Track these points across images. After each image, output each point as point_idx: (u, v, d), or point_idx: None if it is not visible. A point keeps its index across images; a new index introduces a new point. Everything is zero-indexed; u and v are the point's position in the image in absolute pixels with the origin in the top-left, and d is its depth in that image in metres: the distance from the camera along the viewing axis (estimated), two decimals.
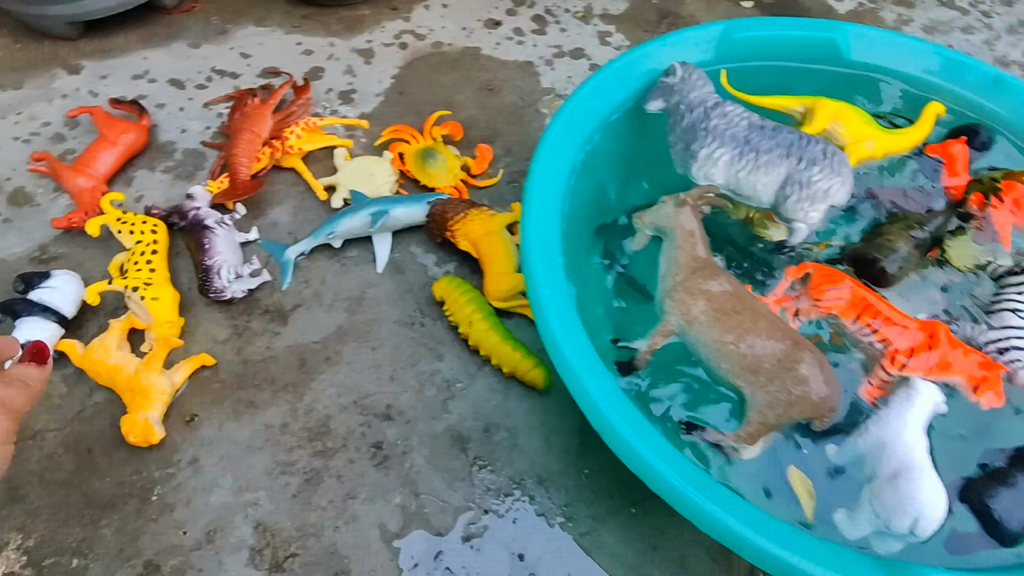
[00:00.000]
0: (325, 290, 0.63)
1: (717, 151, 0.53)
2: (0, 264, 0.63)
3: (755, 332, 0.46)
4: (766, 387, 0.45)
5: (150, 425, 0.52)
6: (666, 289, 0.49)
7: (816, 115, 0.58)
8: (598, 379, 0.39)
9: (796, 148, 0.53)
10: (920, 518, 0.42)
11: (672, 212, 0.51)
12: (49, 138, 0.74)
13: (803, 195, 0.52)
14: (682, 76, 0.55)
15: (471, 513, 0.51)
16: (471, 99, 0.79)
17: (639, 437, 0.37)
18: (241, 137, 0.67)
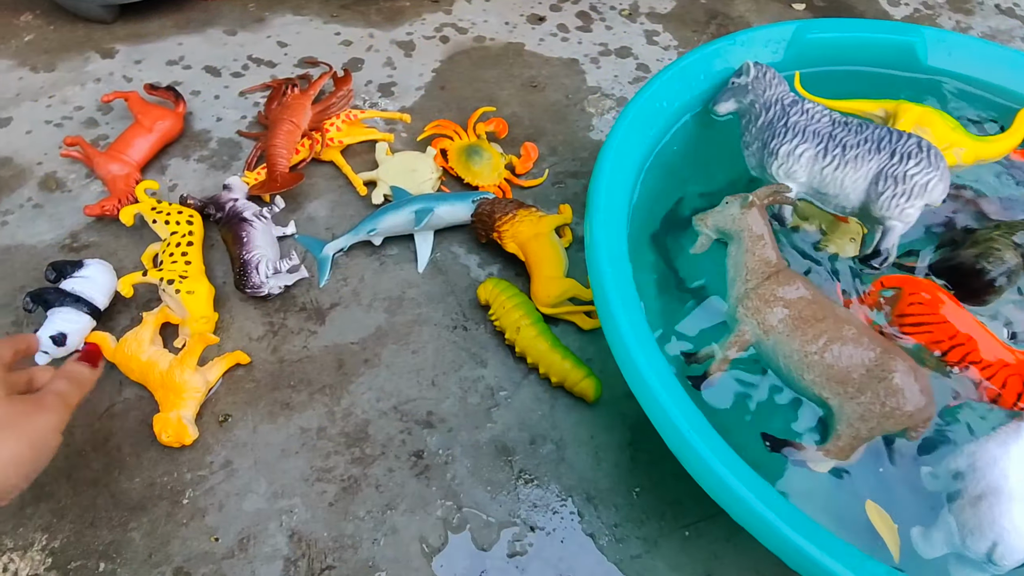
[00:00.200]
0: (364, 289, 0.60)
1: (800, 147, 0.51)
2: (30, 251, 0.62)
3: (841, 340, 0.43)
4: (857, 399, 0.42)
5: (183, 425, 0.49)
6: (737, 296, 0.47)
7: (899, 119, 0.55)
8: (677, 399, 0.36)
9: (887, 142, 0.50)
10: (999, 544, 0.39)
11: (738, 214, 0.48)
12: (82, 122, 0.72)
13: (899, 190, 0.49)
14: (756, 75, 0.52)
15: (516, 529, 0.49)
16: (514, 96, 0.76)
17: (726, 466, 0.34)
18: (280, 128, 0.65)
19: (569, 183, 0.68)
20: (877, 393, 0.42)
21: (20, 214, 0.64)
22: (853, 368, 0.43)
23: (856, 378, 0.42)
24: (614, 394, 0.55)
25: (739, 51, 0.55)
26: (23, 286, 0.59)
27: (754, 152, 0.54)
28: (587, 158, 0.71)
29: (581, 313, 0.57)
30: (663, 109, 0.53)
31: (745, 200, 0.49)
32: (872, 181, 0.51)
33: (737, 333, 0.46)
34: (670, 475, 0.51)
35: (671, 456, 0.51)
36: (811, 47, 0.56)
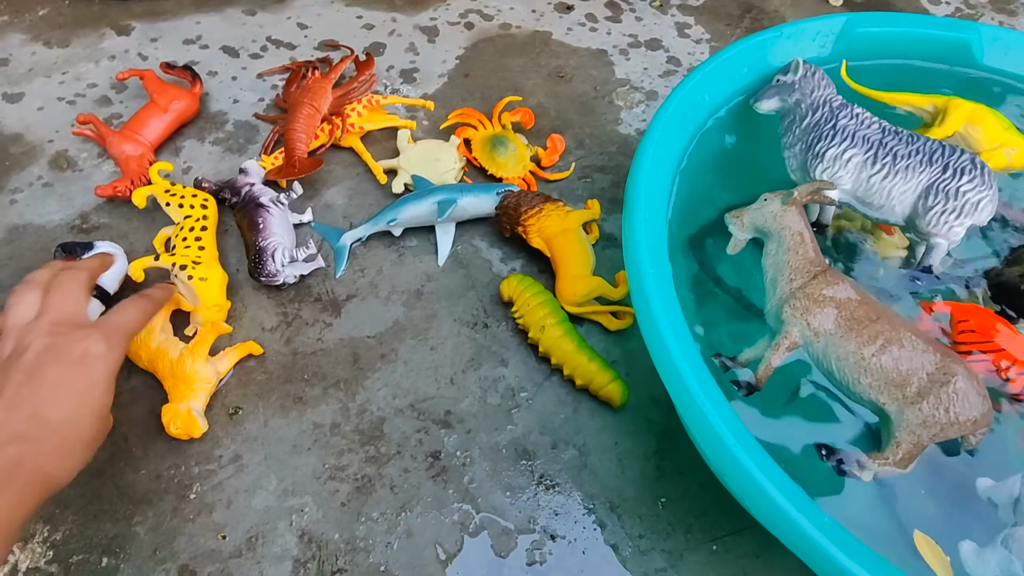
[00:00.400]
0: (381, 281, 0.58)
1: (848, 152, 0.48)
2: (38, 231, 0.60)
3: (898, 342, 0.41)
4: (918, 404, 0.40)
5: (193, 417, 0.48)
6: (782, 297, 0.44)
7: (949, 116, 0.52)
8: (721, 410, 0.34)
9: (940, 156, 0.47)
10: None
11: (779, 211, 0.46)
12: (95, 100, 0.70)
13: (949, 206, 0.47)
14: (804, 73, 0.49)
15: (535, 537, 0.46)
16: (540, 86, 0.74)
17: (778, 488, 0.32)
18: (300, 111, 0.63)
19: (596, 177, 0.66)
20: (940, 398, 0.40)
21: (29, 193, 0.62)
22: (913, 372, 0.40)
23: (917, 382, 0.40)
24: (640, 399, 0.52)
25: (786, 44, 0.52)
26: (30, 267, 0.57)
27: (796, 154, 0.52)
28: (615, 152, 0.68)
29: (607, 313, 0.55)
30: (704, 103, 0.50)
31: (787, 197, 0.46)
32: (921, 194, 0.48)
33: (784, 335, 0.43)
34: (697, 485, 0.49)
35: (699, 465, 0.49)
36: (861, 41, 0.54)
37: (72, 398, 0.38)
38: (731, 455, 0.32)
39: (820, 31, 0.53)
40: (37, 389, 0.37)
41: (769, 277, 0.45)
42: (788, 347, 0.43)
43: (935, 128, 0.55)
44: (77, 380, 0.38)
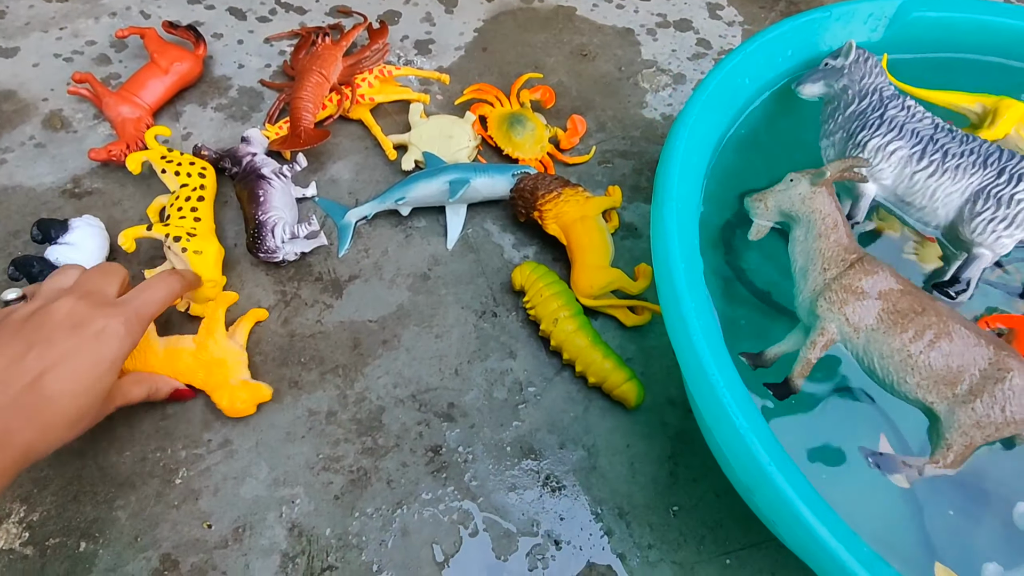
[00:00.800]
0: (386, 262, 0.55)
1: (893, 143, 0.44)
2: (28, 194, 0.57)
3: (947, 336, 0.37)
4: (971, 403, 0.37)
5: (251, 383, 0.46)
6: (815, 289, 0.40)
7: (1000, 117, 0.48)
8: (755, 425, 0.31)
9: (996, 159, 0.43)
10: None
11: (808, 193, 0.42)
12: (93, 59, 0.67)
13: (1000, 214, 0.42)
14: (856, 58, 0.45)
15: (539, 541, 0.44)
16: (562, 64, 0.70)
17: (813, 510, 0.29)
18: (308, 79, 0.59)
19: (617, 163, 0.62)
20: (994, 396, 0.36)
21: (20, 152, 0.59)
22: (964, 368, 0.37)
23: (968, 379, 0.37)
24: (656, 400, 0.49)
25: (834, 26, 0.48)
26: (18, 231, 0.54)
27: (835, 143, 0.48)
28: (638, 137, 0.65)
29: (625, 308, 0.52)
30: (744, 86, 0.46)
31: (817, 177, 0.42)
32: (970, 199, 0.44)
33: (819, 331, 0.40)
34: (713, 494, 0.46)
35: (715, 473, 0.47)
36: (916, 26, 0.49)
37: (77, 372, 0.37)
38: (767, 478, 0.29)
39: (872, 13, 0.49)
40: (45, 354, 0.36)
41: (799, 266, 0.42)
42: (825, 344, 0.39)
43: (984, 130, 0.51)
44: (87, 355, 0.37)
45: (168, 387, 0.45)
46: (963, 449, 0.37)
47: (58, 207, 0.56)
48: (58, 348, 0.37)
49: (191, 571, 0.41)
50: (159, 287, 0.43)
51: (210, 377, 0.46)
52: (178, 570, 0.41)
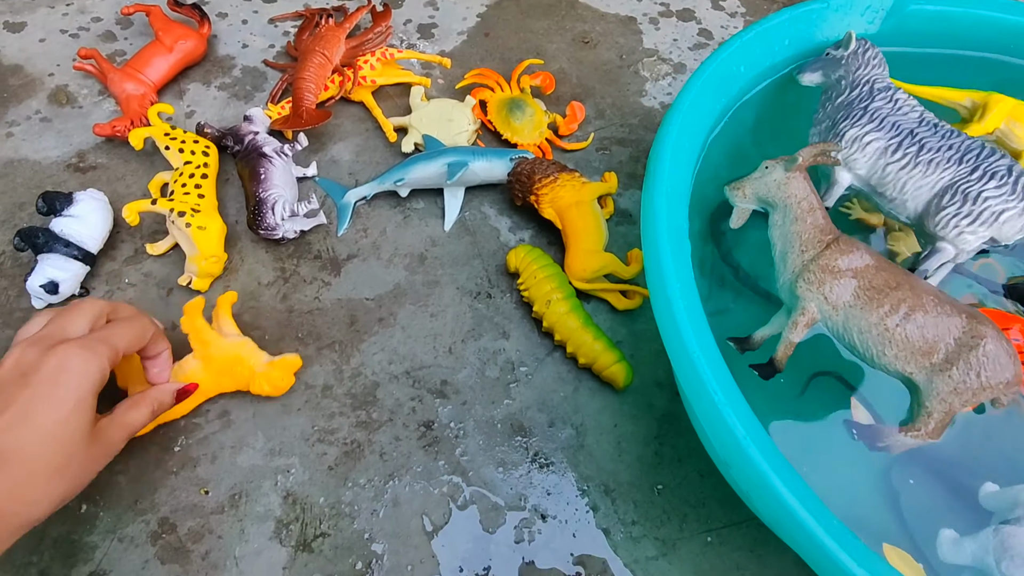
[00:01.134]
0: (384, 242, 0.56)
1: (870, 135, 0.45)
2: (34, 167, 0.58)
3: (922, 308, 0.39)
4: (948, 371, 0.38)
5: (278, 361, 0.47)
6: (794, 271, 0.42)
7: (989, 112, 0.49)
8: (733, 399, 0.32)
9: (974, 156, 0.44)
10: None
11: (783, 179, 0.43)
12: (99, 35, 0.67)
13: (965, 210, 0.43)
14: (855, 49, 0.46)
15: (526, 515, 0.45)
16: (563, 51, 0.70)
17: (788, 485, 0.30)
18: (311, 60, 0.60)
19: (615, 150, 0.63)
20: (969, 363, 0.38)
21: (27, 126, 0.60)
22: (940, 338, 0.38)
23: (943, 348, 0.38)
24: (644, 382, 0.50)
25: (832, 17, 0.49)
26: (23, 203, 0.55)
27: (821, 131, 0.49)
28: (636, 125, 0.65)
29: (616, 292, 0.53)
30: (740, 74, 0.47)
31: (790, 163, 0.43)
32: (939, 194, 0.44)
33: (800, 311, 0.41)
34: (697, 474, 0.47)
35: (700, 454, 0.48)
36: (914, 20, 0.50)
37: (36, 424, 0.34)
38: (741, 449, 0.30)
39: (870, 5, 0.50)
40: (1, 415, 0.33)
41: (778, 250, 0.43)
42: (806, 323, 0.41)
43: (974, 124, 0.51)
44: (44, 402, 0.34)
45: (170, 393, 0.43)
46: (943, 416, 0.38)
47: (63, 181, 0.57)
48: (14, 405, 0.34)
49: (188, 534, 0.43)
50: (132, 324, 0.40)
51: (237, 377, 0.46)
52: (176, 533, 0.43)
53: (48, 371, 0.35)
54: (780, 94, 0.51)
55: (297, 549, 0.43)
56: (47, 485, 0.34)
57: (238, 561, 0.42)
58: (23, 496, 0.33)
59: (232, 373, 0.46)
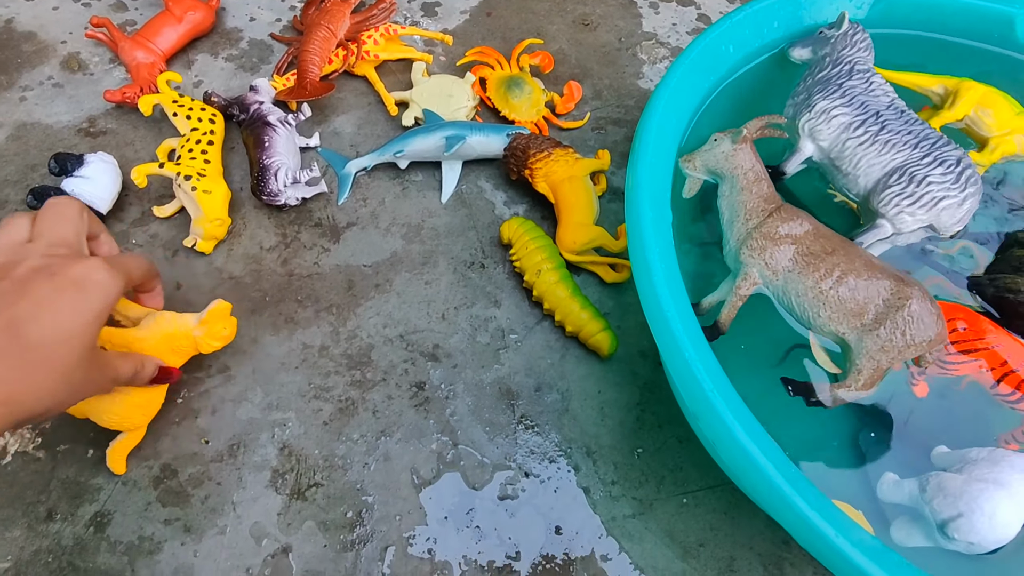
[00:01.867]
0: (383, 212, 0.58)
1: (837, 109, 0.47)
2: (45, 130, 0.60)
3: (854, 272, 0.41)
4: (876, 330, 0.41)
5: (206, 316, 0.45)
6: (739, 238, 0.45)
7: (960, 98, 0.51)
8: (702, 353, 0.34)
9: (929, 144, 0.45)
10: (964, 517, 0.37)
11: (730, 151, 0.46)
12: (110, 5, 0.69)
13: (908, 191, 0.45)
14: (845, 31, 0.47)
15: (510, 473, 0.47)
16: (563, 32, 0.72)
17: (745, 429, 0.32)
18: (316, 33, 0.62)
19: (610, 130, 0.65)
20: (896, 322, 0.40)
21: (39, 91, 0.62)
22: (869, 299, 0.41)
23: (873, 309, 0.41)
24: (629, 352, 0.52)
25: (821, 1, 0.50)
26: (35, 164, 0.57)
27: (797, 103, 0.50)
28: (632, 106, 0.67)
29: (606, 265, 0.54)
30: (728, 54, 0.49)
31: (736, 136, 0.45)
32: (889, 172, 0.46)
33: (743, 276, 0.44)
34: (675, 440, 0.49)
35: (679, 421, 0.50)
36: (898, 5, 0.51)
37: (58, 319, 0.33)
38: (704, 395, 0.32)
39: None
40: (19, 300, 0.32)
41: (725, 219, 0.46)
42: (749, 287, 0.44)
43: (945, 110, 0.53)
44: (67, 302, 0.33)
45: (152, 366, 0.42)
46: (872, 372, 0.41)
47: (73, 144, 0.59)
48: (34, 295, 0.33)
49: (189, 480, 0.45)
50: (141, 258, 0.42)
51: (182, 351, 0.45)
52: (177, 479, 0.45)
53: (76, 276, 0.34)
54: (771, 73, 0.53)
55: (292, 497, 0.45)
56: (54, 383, 0.33)
57: (235, 506, 0.45)
58: (32, 386, 0.32)
59: (176, 350, 0.45)
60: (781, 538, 0.46)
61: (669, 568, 0.45)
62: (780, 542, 0.46)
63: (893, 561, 0.29)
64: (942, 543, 0.37)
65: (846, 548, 0.29)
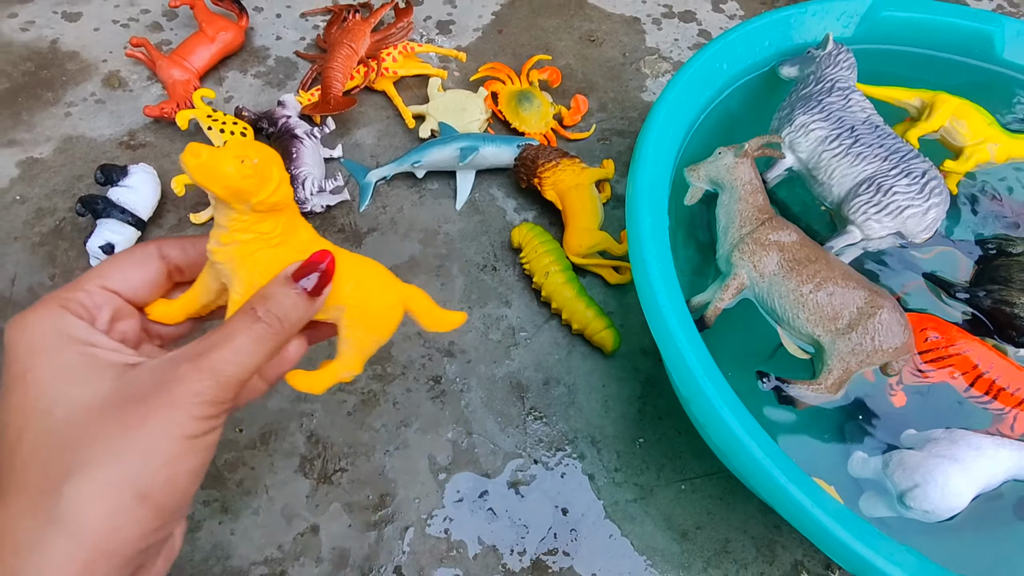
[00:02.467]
0: (401, 218, 0.62)
1: (815, 123, 0.51)
2: (90, 144, 0.64)
3: (833, 280, 0.45)
4: (848, 335, 0.45)
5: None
6: (732, 243, 0.49)
7: (935, 110, 0.54)
8: (703, 361, 0.38)
9: (898, 157, 0.49)
10: (920, 487, 0.40)
11: (732, 164, 0.50)
12: (147, 26, 0.74)
13: (875, 200, 0.49)
14: (830, 51, 0.51)
15: (520, 461, 0.51)
16: (571, 48, 0.76)
17: (750, 434, 0.35)
18: (339, 51, 0.66)
19: (615, 140, 0.69)
20: (867, 328, 0.44)
21: (83, 107, 0.67)
22: (844, 306, 0.45)
23: (847, 315, 0.45)
24: (631, 349, 0.56)
25: (810, 21, 0.54)
26: (81, 175, 0.62)
27: (782, 118, 0.54)
28: (636, 118, 0.71)
29: (610, 267, 0.58)
30: (722, 71, 0.52)
31: (739, 150, 0.50)
32: (859, 182, 0.50)
33: (733, 277, 0.48)
34: (675, 431, 0.53)
35: (678, 414, 0.53)
36: (885, 25, 0.55)
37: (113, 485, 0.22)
38: (693, 378, 0.36)
39: (845, 11, 0.55)
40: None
41: (722, 225, 0.49)
42: (736, 288, 0.48)
43: (922, 122, 0.56)
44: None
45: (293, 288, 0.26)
46: (841, 373, 0.44)
47: (115, 156, 0.64)
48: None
49: (225, 465, 0.49)
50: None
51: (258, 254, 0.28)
52: (214, 463, 0.49)
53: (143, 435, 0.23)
54: (762, 88, 0.56)
55: (319, 481, 0.49)
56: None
57: (268, 489, 0.49)
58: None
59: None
60: (773, 522, 0.50)
61: (668, 548, 0.48)
62: (772, 526, 0.49)
63: (856, 523, 0.33)
64: (902, 512, 0.41)
65: (812, 509, 0.33)
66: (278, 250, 0.27)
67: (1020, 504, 0.43)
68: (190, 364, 0.24)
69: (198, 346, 0.24)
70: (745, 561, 0.48)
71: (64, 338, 0.24)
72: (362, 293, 0.29)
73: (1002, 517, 0.42)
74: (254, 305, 0.25)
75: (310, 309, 0.27)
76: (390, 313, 0.30)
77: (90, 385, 0.23)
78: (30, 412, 0.23)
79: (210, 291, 0.29)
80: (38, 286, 0.56)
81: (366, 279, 0.29)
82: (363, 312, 0.29)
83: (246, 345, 0.25)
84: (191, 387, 0.23)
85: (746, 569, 0.48)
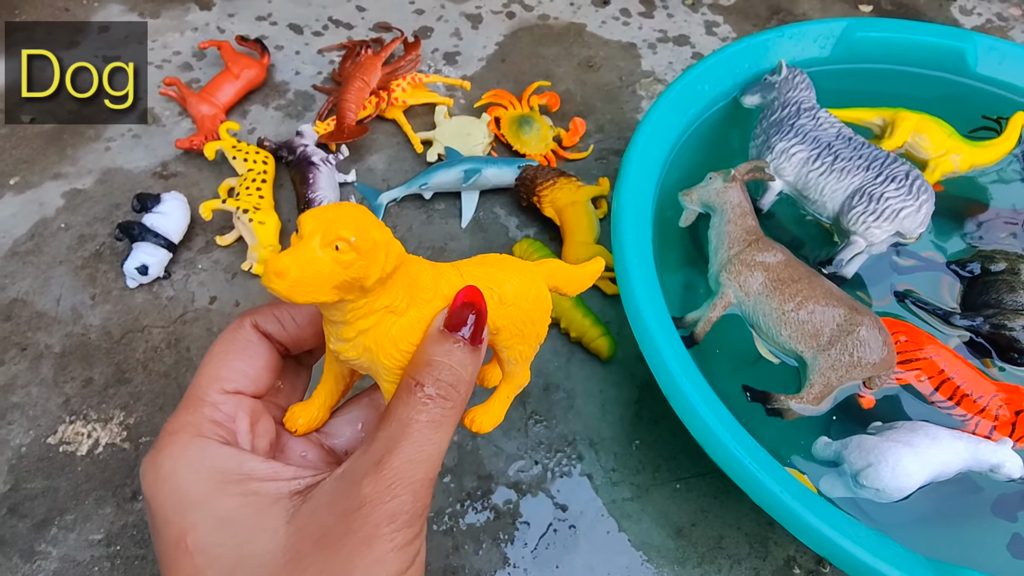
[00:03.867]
0: (411, 237, 0.66)
1: (794, 147, 0.53)
2: (127, 175, 0.70)
3: (814, 299, 0.48)
4: (828, 351, 0.47)
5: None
6: (721, 263, 0.52)
7: (897, 128, 0.57)
8: (686, 368, 0.41)
9: (878, 164, 0.52)
10: (873, 466, 0.42)
11: (722, 187, 0.53)
12: (178, 66, 0.80)
13: (870, 208, 0.51)
14: (786, 75, 0.55)
15: (522, 462, 0.54)
16: (570, 73, 0.80)
17: (734, 437, 0.38)
18: (352, 84, 0.71)
19: (611, 160, 0.72)
20: (846, 345, 0.46)
21: (121, 142, 0.73)
22: (825, 323, 0.47)
23: (827, 332, 0.47)
24: (627, 355, 0.59)
25: (788, 44, 0.57)
26: (119, 203, 0.67)
27: (758, 145, 0.57)
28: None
29: (606, 279, 0.61)
30: (704, 92, 0.56)
31: (727, 175, 0.53)
32: (850, 195, 0.53)
33: (720, 296, 0.51)
34: (670, 434, 0.55)
35: (672, 417, 0.56)
36: (860, 45, 0.58)
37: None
38: (674, 383, 0.39)
39: (821, 34, 0.58)
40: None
41: (712, 246, 0.52)
42: (724, 306, 0.50)
43: (886, 140, 0.59)
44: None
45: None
46: (822, 388, 0.46)
47: (149, 185, 0.69)
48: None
49: None
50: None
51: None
52: None
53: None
54: (740, 110, 0.60)
55: None
56: None
57: None
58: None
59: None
60: (765, 520, 0.52)
61: (664, 544, 0.51)
62: (765, 523, 0.51)
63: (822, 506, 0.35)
64: (857, 492, 0.43)
65: (777, 491, 0.35)
66: (410, 313, 0.22)
67: (999, 501, 0.44)
68: (372, 480, 0.19)
69: (371, 453, 0.20)
70: (739, 557, 0.50)
71: (216, 481, 0.20)
72: (511, 309, 0.24)
73: (978, 513, 0.43)
74: (418, 380, 0.21)
75: (478, 361, 0.22)
76: (542, 310, 0.26)
77: (264, 536, 0.19)
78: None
79: (344, 376, 0.25)
80: (80, 305, 0.61)
81: (507, 288, 0.24)
82: (519, 327, 0.25)
83: (426, 433, 0.21)
84: (384, 511, 0.19)
85: (739, 564, 0.50)
